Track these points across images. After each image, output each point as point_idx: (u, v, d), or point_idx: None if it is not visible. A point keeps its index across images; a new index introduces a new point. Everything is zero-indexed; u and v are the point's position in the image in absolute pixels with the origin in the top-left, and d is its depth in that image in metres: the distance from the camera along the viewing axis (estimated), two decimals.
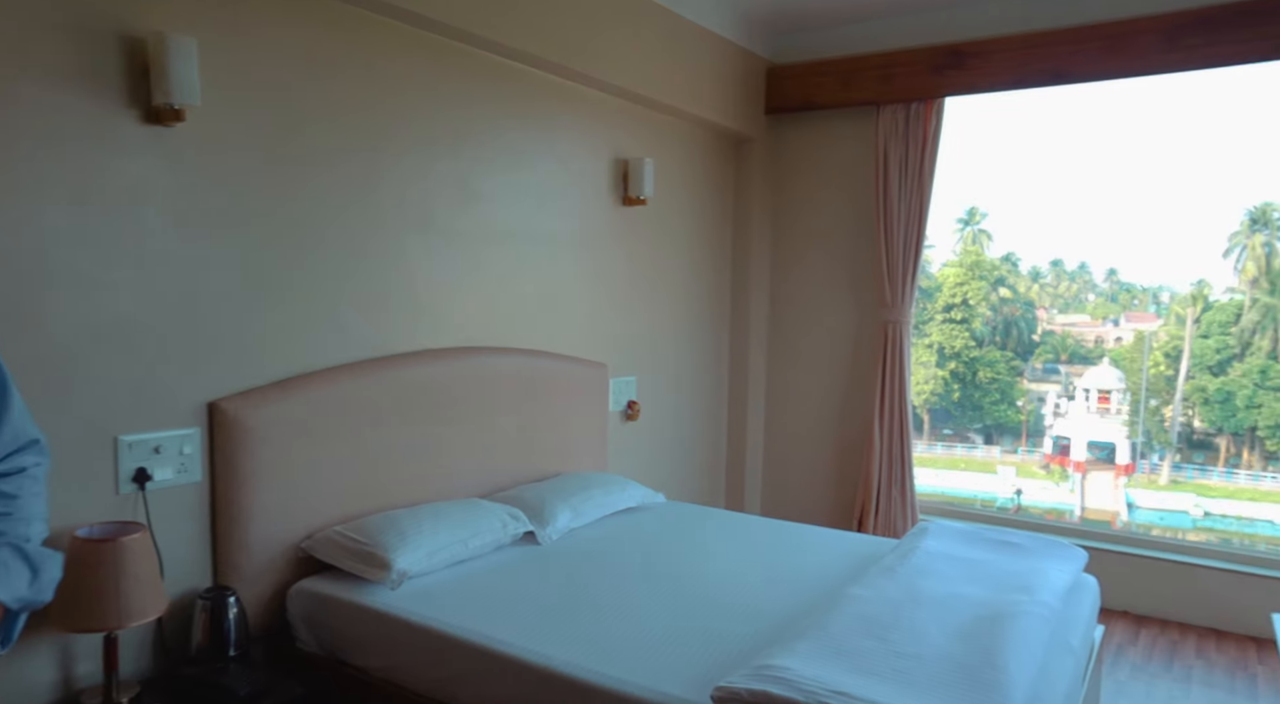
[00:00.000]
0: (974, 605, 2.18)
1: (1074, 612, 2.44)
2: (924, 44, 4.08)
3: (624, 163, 3.78)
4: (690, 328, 4.42)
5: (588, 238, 3.67)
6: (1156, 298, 14.48)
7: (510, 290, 3.31)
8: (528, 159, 3.33)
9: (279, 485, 2.42)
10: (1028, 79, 3.86)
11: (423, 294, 2.95)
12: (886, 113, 4.22)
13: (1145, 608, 3.97)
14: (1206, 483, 13.25)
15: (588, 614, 2.27)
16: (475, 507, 2.78)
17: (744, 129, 4.39)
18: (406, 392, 2.80)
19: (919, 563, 2.49)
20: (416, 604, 2.30)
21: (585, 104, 3.58)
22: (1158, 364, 13.67)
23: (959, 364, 14.09)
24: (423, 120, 2.89)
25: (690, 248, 4.35)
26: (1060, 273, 15.49)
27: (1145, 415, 13.50)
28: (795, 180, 4.70)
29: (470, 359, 3.07)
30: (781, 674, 1.76)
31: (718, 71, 4.13)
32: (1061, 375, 14.41)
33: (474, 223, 3.13)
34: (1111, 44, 3.64)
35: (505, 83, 3.20)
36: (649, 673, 1.95)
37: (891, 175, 4.23)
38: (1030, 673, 1.91)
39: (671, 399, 4.31)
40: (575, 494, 3.07)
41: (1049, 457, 13.76)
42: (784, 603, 2.38)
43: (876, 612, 2.11)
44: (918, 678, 1.81)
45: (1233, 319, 13.08)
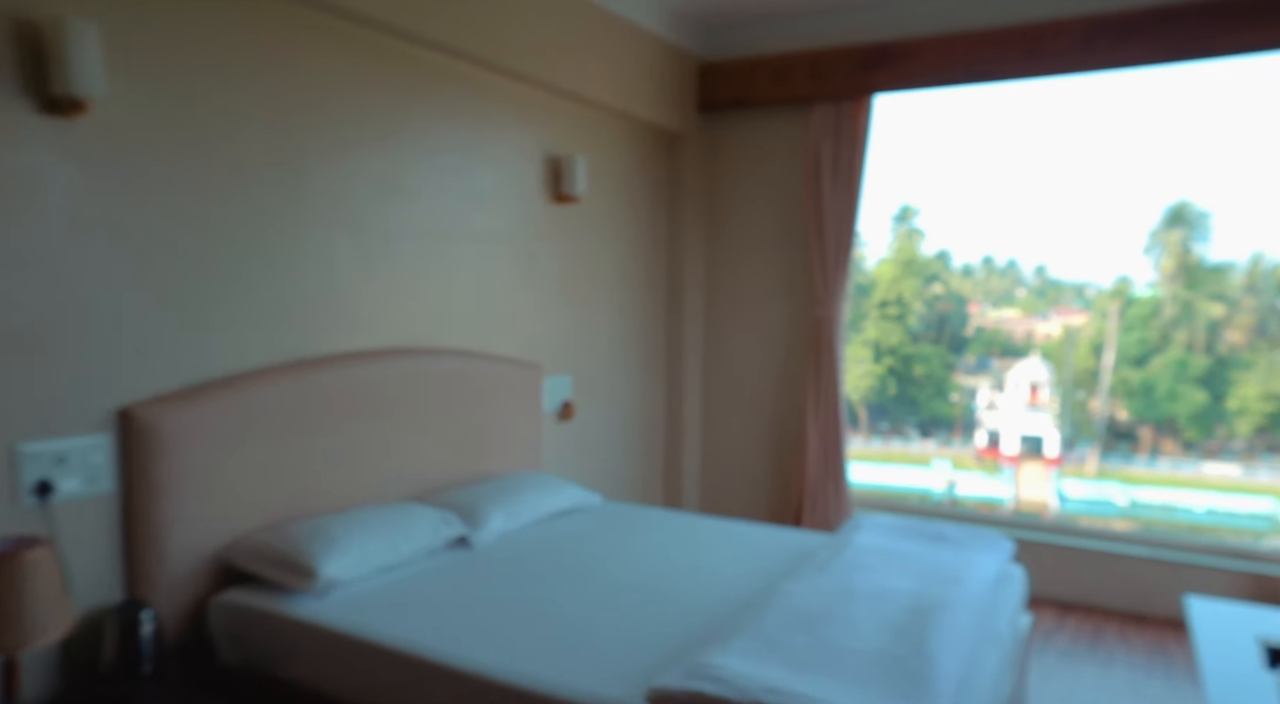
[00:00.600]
0: (905, 598, 2.20)
1: (1001, 601, 2.50)
2: (853, 42, 4.14)
3: (556, 160, 3.75)
4: (625, 326, 4.40)
5: (520, 236, 3.62)
6: (1082, 293, 14.95)
7: (441, 290, 3.25)
8: (458, 157, 3.27)
9: (198, 494, 2.33)
10: (953, 78, 3.95)
11: (350, 295, 2.87)
12: (818, 110, 4.26)
13: (1072, 595, 4.09)
14: (1131, 472, 13.75)
15: (522, 618, 2.24)
16: (406, 511, 2.71)
17: (677, 126, 4.38)
18: (334, 395, 2.73)
19: (852, 557, 2.52)
20: (345, 613, 2.24)
21: (516, 101, 3.53)
22: (1084, 357, 14.13)
23: (895, 360, 14.35)
24: (350, 117, 2.82)
25: (624, 245, 4.33)
26: (991, 269, 15.87)
27: (1073, 408, 13.95)
28: (729, 177, 4.72)
29: (400, 361, 3.00)
30: (715, 673, 1.75)
31: (649, 68, 4.11)
32: (993, 370, 14.78)
33: (403, 222, 3.06)
34: (1031, 45, 3.74)
35: (435, 79, 3.14)
36: (585, 675, 1.92)
37: (823, 172, 4.27)
38: (958, 662, 1.94)
39: (607, 398, 4.28)
40: (509, 497, 3.03)
41: (982, 450, 14.11)
42: (720, 600, 2.38)
43: (810, 607, 2.12)
44: (850, 672, 1.82)
45: (1153, 314, 13.60)
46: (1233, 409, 12.79)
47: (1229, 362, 13.03)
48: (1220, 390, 12.96)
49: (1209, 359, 13.03)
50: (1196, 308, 13.23)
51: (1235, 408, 12.77)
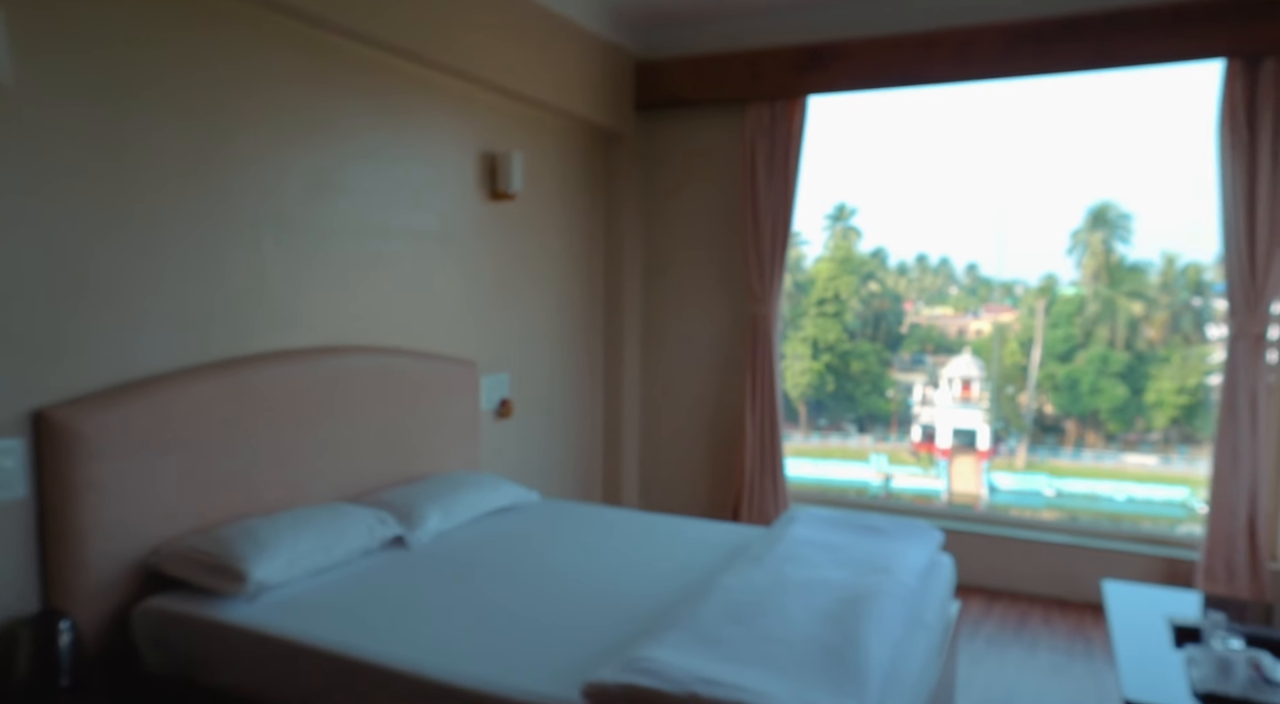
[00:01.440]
0: (837, 588, 2.25)
1: (930, 589, 2.57)
2: (789, 44, 4.20)
3: (491, 157, 3.72)
4: (563, 323, 4.40)
5: (455, 233, 3.59)
6: (1011, 291, 15.42)
7: (374, 288, 3.20)
8: (391, 152, 3.23)
9: (120, 499, 2.26)
10: (885, 80, 4.04)
11: (279, 292, 2.81)
12: (753, 109, 4.32)
13: (1000, 583, 4.22)
14: (1057, 464, 14.24)
15: (458, 617, 2.23)
16: (340, 512, 2.67)
17: (613, 123, 4.39)
18: (264, 394, 2.66)
19: (786, 550, 2.56)
20: (276, 616, 2.19)
21: (451, 96, 3.50)
22: (1013, 353, 14.56)
23: (833, 357, 14.59)
24: (278, 111, 2.76)
25: (562, 243, 4.33)
26: (925, 267, 16.26)
27: (1003, 402, 14.38)
28: (666, 175, 4.75)
29: (332, 359, 2.95)
30: (650, 665, 1.77)
31: (586, 65, 4.11)
32: (927, 366, 15.13)
33: (334, 218, 3.00)
34: (958, 50, 3.85)
35: (367, 73, 3.09)
36: (521, 672, 1.92)
37: (759, 171, 4.33)
38: (888, 650, 1.99)
39: (545, 396, 4.27)
40: (446, 495, 3.00)
41: (917, 444, 14.45)
42: (657, 595, 2.39)
43: (744, 599, 2.16)
44: (783, 661, 1.86)
45: (1077, 311, 14.10)
46: (1150, 402, 13.35)
47: (1147, 357, 13.59)
48: (1139, 385, 13.51)
49: (1129, 355, 13.56)
50: (1117, 305, 13.76)
51: (1152, 401, 13.32)
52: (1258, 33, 3.39)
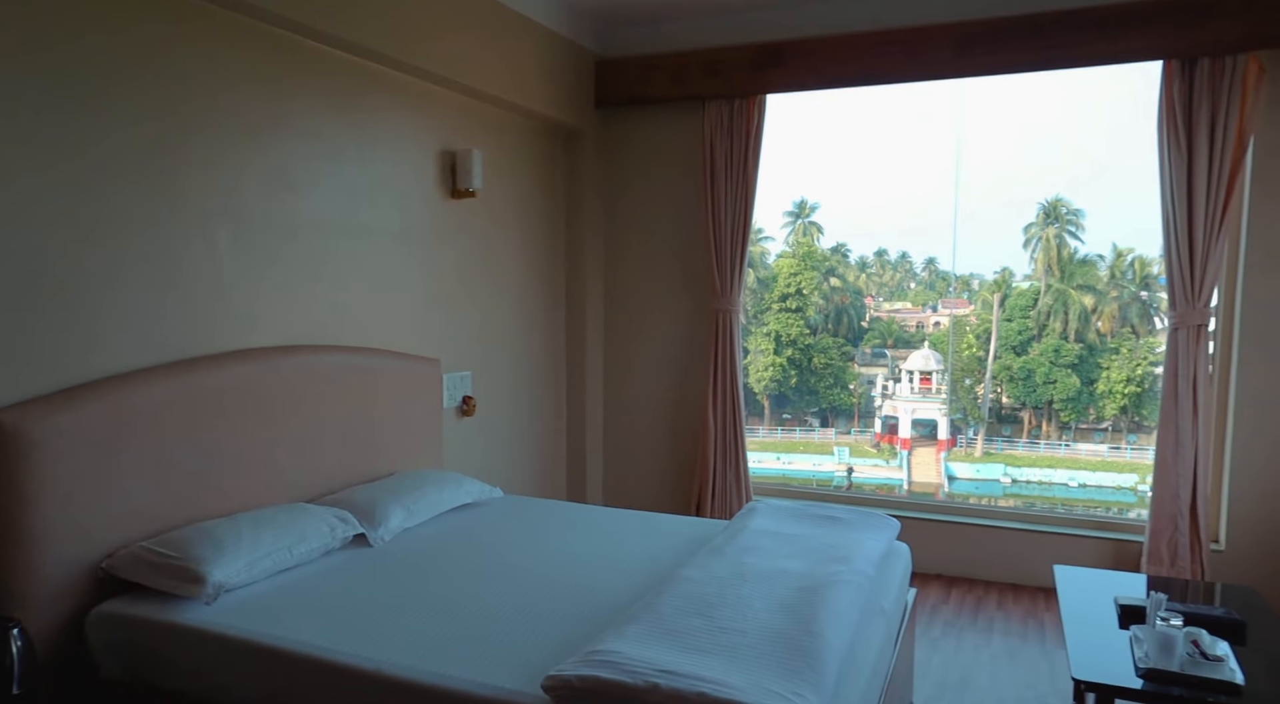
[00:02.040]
0: (796, 578, 2.29)
1: (887, 577, 2.63)
2: (747, 42, 4.24)
3: (451, 154, 3.71)
4: (526, 321, 4.40)
5: (416, 231, 3.58)
6: (968, 285, 15.70)
7: (335, 286, 3.18)
8: (350, 150, 3.21)
9: (74, 502, 2.22)
10: (840, 79, 4.10)
11: (238, 292, 2.78)
12: (712, 108, 4.35)
13: (957, 570, 4.32)
14: (1014, 453, 14.55)
15: (420, 614, 2.23)
16: (300, 511, 2.66)
17: (574, 121, 4.40)
18: (222, 395, 2.64)
19: (746, 541, 2.60)
20: (235, 618, 2.18)
21: (410, 94, 3.49)
22: (970, 346, 14.83)
23: (795, 351, 14.76)
24: (232, 108, 2.73)
25: (524, 240, 4.33)
26: (885, 263, 16.49)
27: (961, 394, 14.65)
28: (627, 173, 4.78)
29: (292, 358, 2.93)
30: (610, 658, 1.79)
31: (545, 63, 4.12)
32: (888, 359, 15.37)
33: (294, 216, 2.98)
34: (911, 49, 3.92)
35: (325, 71, 3.07)
36: (482, 668, 1.93)
37: (718, 168, 4.37)
38: (845, 638, 2.04)
39: (509, 393, 4.28)
40: (408, 493, 3.00)
41: (879, 436, 14.67)
42: (619, 589, 2.42)
43: (704, 591, 2.19)
44: (742, 651, 1.89)
45: (1031, 303, 14.40)
46: (1101, 392, 13.70)
47: (1097, 348, 13.94)
48: (1090, 375, 13.86)
49: (1080, 346, 13.91)
50: (1069, 298, 14.10)
51: (1103, 391, 13.67)
52: (1192, 35, 3.51)
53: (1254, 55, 3.49)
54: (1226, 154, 3.52)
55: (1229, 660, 2.24)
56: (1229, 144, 3.51)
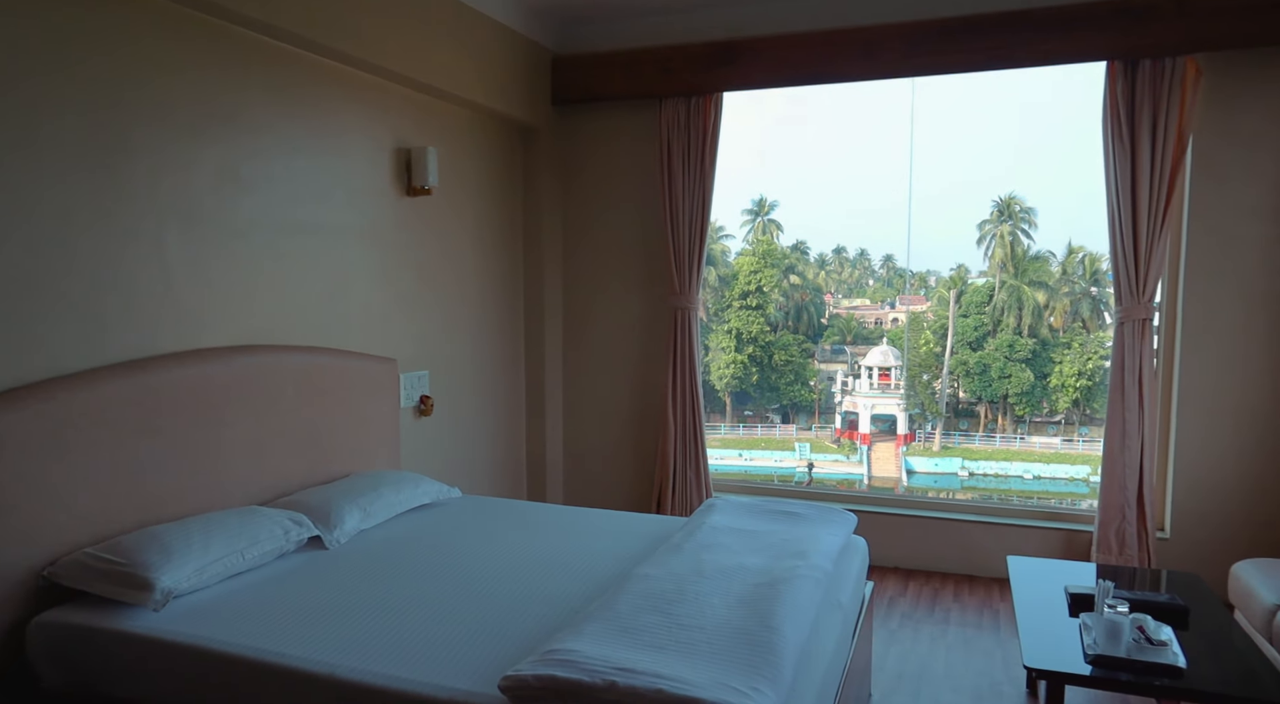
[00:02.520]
0: (754, 574, 2.31)
1: (844, 571, 2.65)
2: (702, 40, 4.26)
3: (406, 151, 3.67)
4: (484, 319, 4.37)
5: (371, 229, 3.53)
6: (925, 282, 15.96)
7: (288, 285, 3.13)
8: (302, 146, 3.16)
9: (14, 508, 2.16)
10: (794, 77, 4.14)
11: (187, 290, 2.72)
12: (668, 105, 4.36)
13: (915, 562, 4.38)
14: (971, 447, 14.83)
15: (376, 616, 2.20)
16: (253, 514, 2.61)
17: (530, 119, 4.38)
18: (171, 396, 2.58)
19: (705, 538, 2.61)
20: (185, 624, 2.13)
21: (364, 90, 3.44)
22: (928, 342, 15.08)
23: (756, 348, 14.89)
24: (179, 103, 2.67)
25: (481, 238, 4.30)
26: (843, 260, 16.70)
27: (919, 389, 14.89)
28: (584, 170, 4.77)
29: (244, 358, 2.87)
30: (568, 656, 1.79)
31: (501, 60, 4.09)
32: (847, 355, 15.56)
33: (244, 213, 2.92)
34: (864, 48, 3.96)
35: (275, 65, 3.01)
36: (439, 670, 1.91)
37: (675, 166, 4.38)
38: (803, 631, 2.05)
39: (467, 392, 4.25)
40: (364, 494, 2.96)
41: (839, 431, 14.85)
42: (578, 588, 2.41)
43: (662, 588, 2.19)
44: (699, 647, 1.89)
45: (986, 300, 14.68)
46: (1054, 386, 14.02)
47: (1050, 343, 14.26)
48: (1044, 369, 14.17)
49: (1034, 341, 14.21)
50: (1023, 294, 14.39)
51: (1055, 385, 13.99)
52: (1133, 37, 3.59)
53: (1191, 58, 3.59)
54: (1168, 152, 3.62)
55: (1172, 645, 2.31)
56: (1170, 143, 3.61)
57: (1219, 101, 3.68)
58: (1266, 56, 3.60)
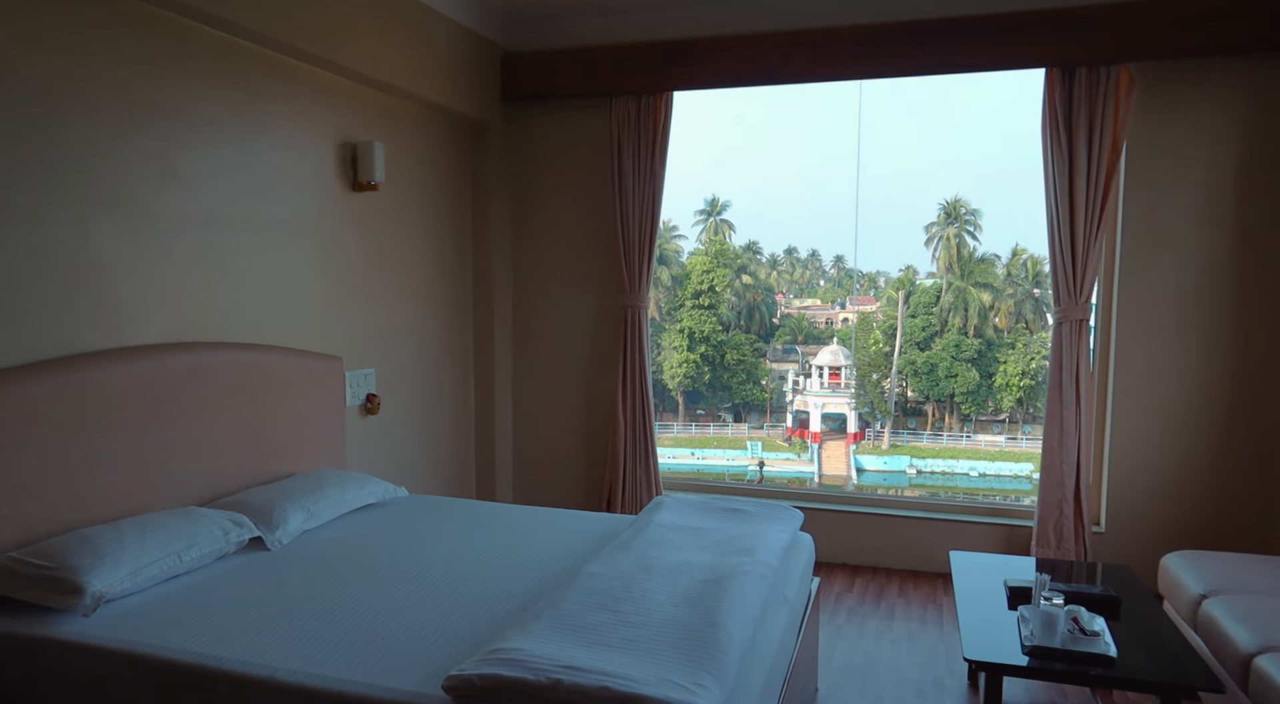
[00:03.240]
0: (700, 571, 2.32)
1: (790, 567, 2.68)
2: (653, 39, 4.26)
3: (352, 146, 3.62)
4: (432, 316, 4.32)
5: (315, 224, 3.47)
6: (875, 282, 16.22)
7: (229, 281, 3.06)
8: (243, 140, 3.09)
9: None
10: (744, 78, 4.17)
11: (122, 286, 2.64)
12: (619, 104, 4.36)
13: (862, 559, 4.45)
14: (919, 445, 15.12)
15: (318, 618, 2.16)
16: (191, 515, 2.54)
17: (480, 115, 4.35)
18: (104, 394, 2.50)
19: (652, 535, 2.62)
20: (118, 629, 2.07)
21: (307, 83, 3.38)
22: (877, 342, 15.33)
23: (708, 347, 14.98)
24: (111, 94, 2.59)
25: (429, 235, 4.25)
26: (795, 260, 16.89)
27: (869, 388, 15.13)
28: (535, 168, 4.74)
29: (183, 356, 2.80)
30: (512, 655, 1.78)
31: (450, 55, 4.05)
32: (799, 355, 15.75)
33: (180, 207, 2.85)
34: (813, 50, 4.01)
35: (214, 56, 2.94)
36: (381, 671, 1.89)
37: (626, 165, 4.38)
38: (748, 627, 2.07)
39: (415, 390, 4.20)
40: (308, 494, 2.91)
41: (790, 430, 15.03)
42: (525, 587, 2.40)
43: (609, 586, 2.19)
44: (645, 644, 1.90)
45: (934, 300, 14.98)
46: (998, 385, 14.36)
47: (995, 343, 14.61)
48: (989, 369, 14.51)
49: (979, 341, 14.55)
50: (969, 295, 14.71)
51: (1000, 384, 14.34)
52: (1071, 46, 3.70)
53: (1124, 67, 3.71)
54: (1103, 157, 3.73)
55: (1104, 635, 2.38)
56: (1105, 148, 3.72)
57: (1151, 109, 3.80)
58: (1195, 67, 3.73)
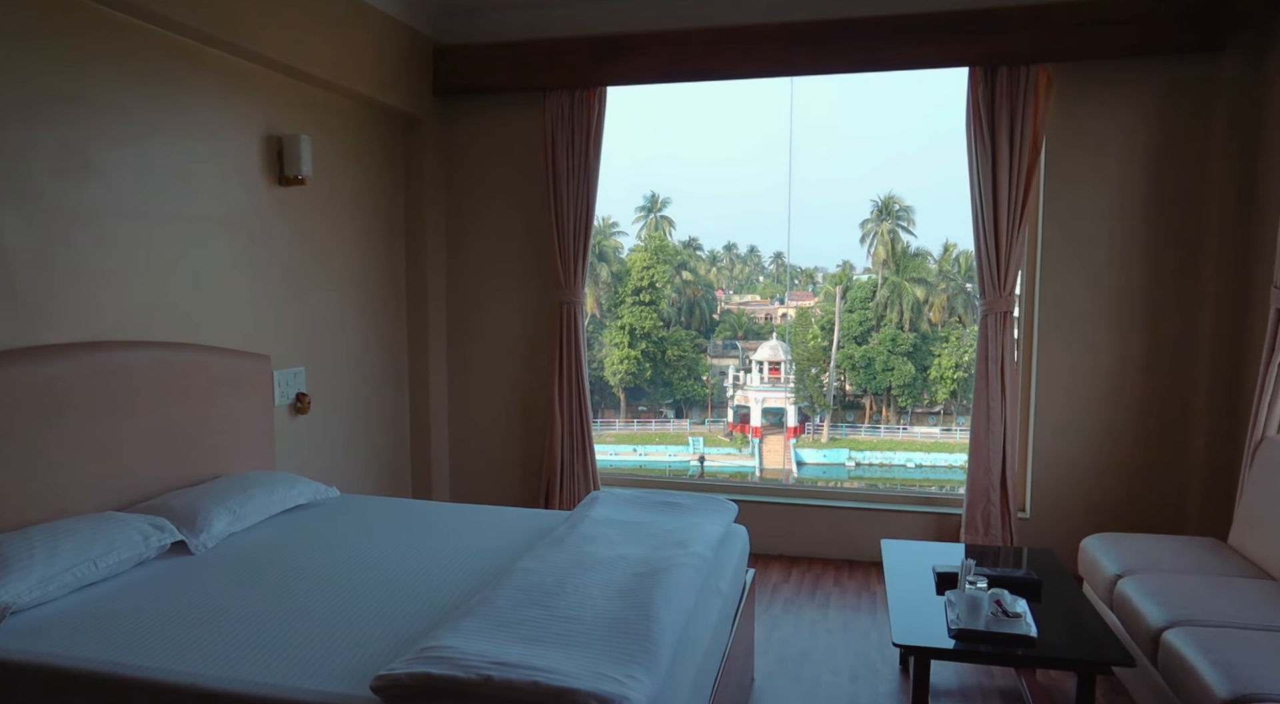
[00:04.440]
0: (634, 564, 2.32)
1: (724, 559, 2.70)
2: (585, 34, 4.25)
3: (278, 139, 3.53)
4: (364, 313, 4.24)
5: (240, 219, 3.37)
6: (813, 278, 16.47)
7: (147, 277, 2.96)
8: (163, 131, 2.98)
9: None
10: (678, 74, 4.19)
11: (27, 282, 2.53)
12: (553, 99, 4.34)
13: (799, 550, 4.51)
14: (857, 438, 15.42)
15: (244, 622, 2.11)
16: (108, 520, 2.45)
17: (411, 109, 4.28)
18: (9, 395, 2.39)
19: (587, 530, 2.61)
20: (28, 641, 1.98)
21: (230, 74, 3.28)
22: (815, 336, 15.57)
23: (649, 344, 15.03)
24: (16, 80, 2.47)
25: (360, 230, 4.17)
26: (734, 257, 17.05)
27: (808, 382, 15.36)
28: (469, 162, 4.69)
29: (95, 355, 2.69)
30: (443, 653, 1.76)
31: (378, 47, 3.98)
32: (739, 350, 15.91)
33: (96, 200, 2.74)
34: (743, 47, 4.05)
35: (131, 42, 2.84)
36: (310, 674, 1.85)
37: (560, 160, 4.36)
38: (680, 618, 2.08)
39: (347, 389, 4.12)
40: (234, 496, 2.83)
41: (732, 425, 15.18)
42: (458, 585, 2.38)
43: (542, 581, 2.18)
44: (577, 638, 1.89)
45: (870, 295, 15.27)
46: (933, 378, 14.73)
47: (930, 337, 14.97)
48: (924, 362, 14.86)
49: (914, 335, 14.89)
50: (904, 290, 15.04)
51: (935, 377, 14.70)
52: (991, 46, 3.81)
53: (1043, 67, 3.83)
54: (1024, 155, 3.84)
55: (1026, 616, 2.46)
56: (1025, 146, 3.84)
57: (1069, 109, 3.93)
58: (1110, 69, 3.87)
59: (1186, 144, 3.84)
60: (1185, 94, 3.82)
